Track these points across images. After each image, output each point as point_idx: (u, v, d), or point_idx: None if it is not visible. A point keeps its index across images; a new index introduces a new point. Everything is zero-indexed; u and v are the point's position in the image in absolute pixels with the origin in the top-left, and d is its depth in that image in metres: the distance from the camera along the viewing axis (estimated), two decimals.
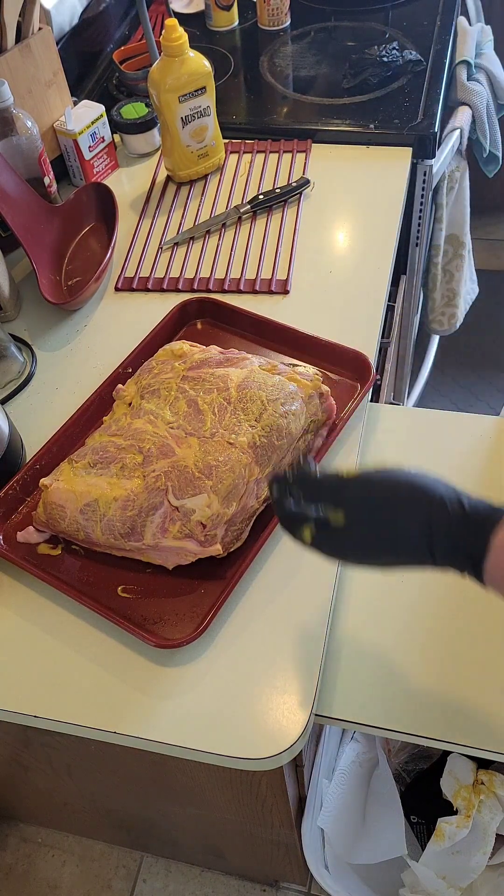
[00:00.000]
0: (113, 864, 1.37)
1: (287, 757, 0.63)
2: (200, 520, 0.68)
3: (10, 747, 0.93)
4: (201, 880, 1.33)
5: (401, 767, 1.15)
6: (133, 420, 0.77)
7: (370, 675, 0.69)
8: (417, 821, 1.11)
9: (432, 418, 0.86)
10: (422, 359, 1.81)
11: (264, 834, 1.01)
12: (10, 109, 0.94)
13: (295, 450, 0.76)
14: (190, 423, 0.74)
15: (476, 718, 0.66)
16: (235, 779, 0.82)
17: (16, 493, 0.77)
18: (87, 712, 0.66)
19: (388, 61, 1.22)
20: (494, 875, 1.00)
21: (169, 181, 1.12)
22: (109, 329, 0.95)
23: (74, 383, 0.89)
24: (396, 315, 1.31)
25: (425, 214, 1.27)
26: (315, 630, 0.69)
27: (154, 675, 0.67)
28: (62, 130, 1.07)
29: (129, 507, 0.70)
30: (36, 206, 0.98)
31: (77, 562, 0.74)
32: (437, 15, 1.35)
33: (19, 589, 0.73)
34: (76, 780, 1.00)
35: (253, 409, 0.74)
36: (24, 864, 1.38)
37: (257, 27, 1.37)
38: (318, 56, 1.30)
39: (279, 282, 0.97)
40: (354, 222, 1.04)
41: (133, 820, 1.18)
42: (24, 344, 0.94)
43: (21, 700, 0.67)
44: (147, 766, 0.86)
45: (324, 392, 0.79)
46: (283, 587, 0.72)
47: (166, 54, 0.99)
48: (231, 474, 0.70)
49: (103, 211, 1.04)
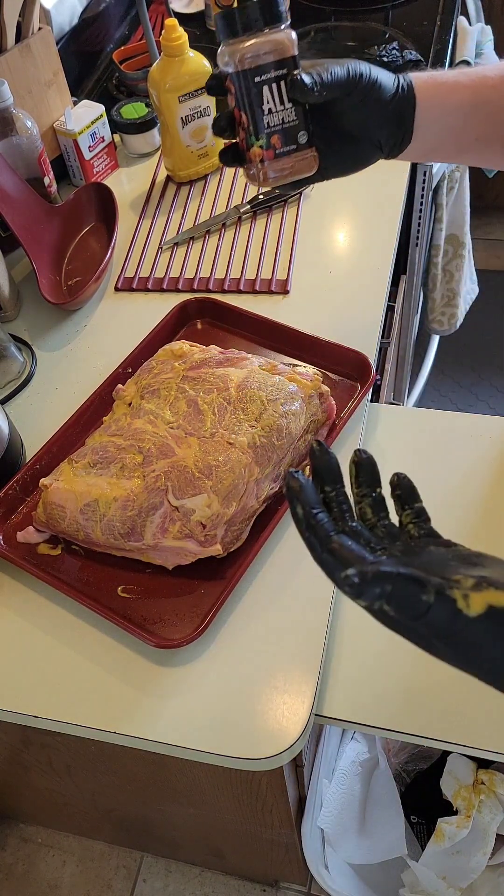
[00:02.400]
0: (113, 864, 1.37)
1: (287, 757, 0.63)
2: (200, 520, 0.68)
3: (10, 747, 0.93)
4: (201, 880, 1.33)
5: (401, 767, 1.15)
6: (133, 420, 0.77)
7: (370, 675, 0.69)
8: (417, 821, 1.11)
9: (432, 418, 0.86)
10: (422, 359, 1.81)
11: (264, 834, 1.01)
12: (10, 109, 0.94)
13: (295, 450, 0.76)
14: (190, 423, 0.74)
15: (476, 718, 0.66)
16: (235, 779, 0.82)
17: (16, 493, 0.77)
18: (87, 712, 0.66)
19: (388, 61, 1.22)
20: (494, 875, 1.01)
21: (169, 181, 1.12)
22: (109, 329, 0.95)
23: (74, 383, 0.90)
24: (396, 315, 1.31)
25: (425, 214, 1.27)
26: (315, 630, 0.69)
27: (154, 675, 0.67)
28: (62, 130, 1.07)
29: (129, 507, 0.70)
30: (36, 206, 0.98)
31: (77, 562, 0.74)
32: (437, 15, 1.35)
33: (19, 589, 0.73)
34: (76, 780, 1.00)
35: (253, 409, 0.74)
36: (24, 864, 1.38)
37: None
38: (318, 56, 1.30)
39: (279, 282, 0.97)
40: (354, 222, 1.04)
41: (133, 820, 1.18)
42: (24, 344, 0.94)
43: (21, 700, 0.67)
44: (147, 766, 0.86)
45: (324, 392, 0.79)
46: (283, 587, 0.72)
47: (166, 54, 0.99)
48: (231, 474, 0.70)
49: (103, 211, 1.04)
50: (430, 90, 0.62)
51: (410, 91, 0.62)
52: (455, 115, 0.62)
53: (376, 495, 0.48)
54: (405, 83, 0.62)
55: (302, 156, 0.61)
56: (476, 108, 0.61)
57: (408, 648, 0.72)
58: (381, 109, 0.61)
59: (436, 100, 0.62)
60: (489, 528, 0.76)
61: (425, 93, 0.62)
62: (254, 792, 0.85)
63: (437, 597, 0.38)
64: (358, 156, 0.66)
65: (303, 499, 0.43)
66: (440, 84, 0.62)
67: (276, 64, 0.57)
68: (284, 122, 0.58)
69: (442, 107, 0.62)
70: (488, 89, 0.61)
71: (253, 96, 0.58)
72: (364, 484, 0.48)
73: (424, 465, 0.81)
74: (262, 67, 0.57)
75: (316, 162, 0.62)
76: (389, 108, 0.61)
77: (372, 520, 0.47)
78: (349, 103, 0.61)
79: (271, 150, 0.59)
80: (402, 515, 0.48)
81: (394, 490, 0.49)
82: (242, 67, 0.57)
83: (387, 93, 0.61)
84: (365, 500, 0.47)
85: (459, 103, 0.62)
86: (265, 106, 0.57)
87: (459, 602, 0.38)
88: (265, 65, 0.57)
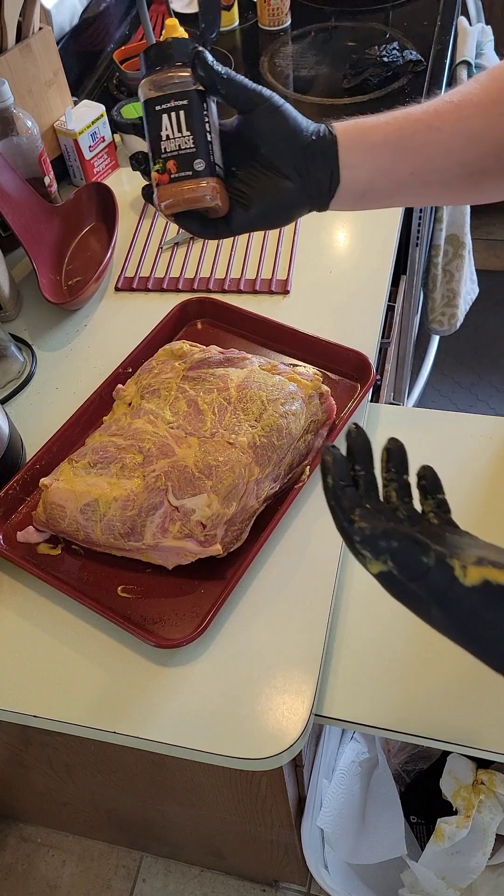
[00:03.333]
0: (113, 864, 1.37)
1: (287, 757, 0.63)
2: (200, 520, 0.68)
3: (10, 747, 0.93)
4: (201, 880, 1.33)
5: (401, 767, 1.15)
6: (133, 420, 0.77)
7: (370, 675, 0.69)
8: (417, 821, 1.12)
9: (432, 418, 0.86)
10: (422, 359, 1.81)
11: (264, 834, 1.01)
12: (11, 109, 0.94)
13: (295, 450, 0.76)
14: (190, 423, 0.74)
15: (475, 718, 0.66)
16: (235, 779, 0.82)
17: (16, 492, 0.77)
18: (86, 712, 0.66)
19: (389, 61, 1.22)
20: (494, 875, 1.01)
21: None
22: (109, 329, 0.95)
23: (74, 383, 0.89)
24: (396, 315, 1.31)
25: (425, 214, 1.27)
26: (315, 629, 0.69)
27: (154, 675, 0.67)
28: (62, 130, 1.07)
29: (129, 506, 0.70)
30: (36, 205, 0.98)
31: (77, 562, 0.74)
32: (438, 15, 1.35)
33: (19, 589, 0.73)
34: (76, 780, 1.00)
35: (253, 409, 0.74)
36: (23, 864, 1.38)
37: (257, 27, 1.37)
38: (318, 56, 1.30)
39: (279, 282, 0.97)
40: (354, 222, 1.04)
41: (133, 820, 1.18)
42: (24, 344, 0.94)
43: (21, 700, 0.67)
44: (147, 766, 0.86)
45: (324, 392, 0.79)
46: (283, 587, 0.72)
47: None
48: (231, 474, 0.70)
49: (103, 211, 1.04)
50: (350, 129, 0.60)
51: (330, 131, 0.60)
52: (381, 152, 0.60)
53: (402, 481, 0.50)
54: (324, 126, 0.61)
55: (198, 183, 0.60)
56: (401, 140, 0.59)
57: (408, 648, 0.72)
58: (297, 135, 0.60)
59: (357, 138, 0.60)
60: (489, 529, 0.76)
61: (346, 133, 0.60)
62: (253, 792, 0.85)
63: (437, 563, 0.42)
64: (283, 197, 0.61)
65: (334, 471, 0.47)
66: (361, 123, 0.61)
67: (177, 95, 0.60)
68: (181, 148, 0.60)
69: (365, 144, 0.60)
70: (411, 123, 0.59)
71: (153, 123, 0.60)
72: (393, 469, 0.50)
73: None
74: (163, 98, 0.60)
75: (218, 195, 0.61)
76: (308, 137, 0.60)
77: (395, 502, 0.49)
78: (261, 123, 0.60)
79: (166, 175, 0.61)
80: (425, 504, 0.50)
81: (420, 479, 0.51)
82: (146, 97, 0.60)
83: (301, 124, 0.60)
84: (391, 484, 0.50)
85: (384, 140, 0.60)
86: (163, 132, 0.60)
87: (457, 570, 0.42)
88: (166, 95, 0.60)
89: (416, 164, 0.60)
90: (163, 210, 0.62)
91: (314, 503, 0.77)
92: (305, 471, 0.77)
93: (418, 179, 0.61)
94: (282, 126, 0.60)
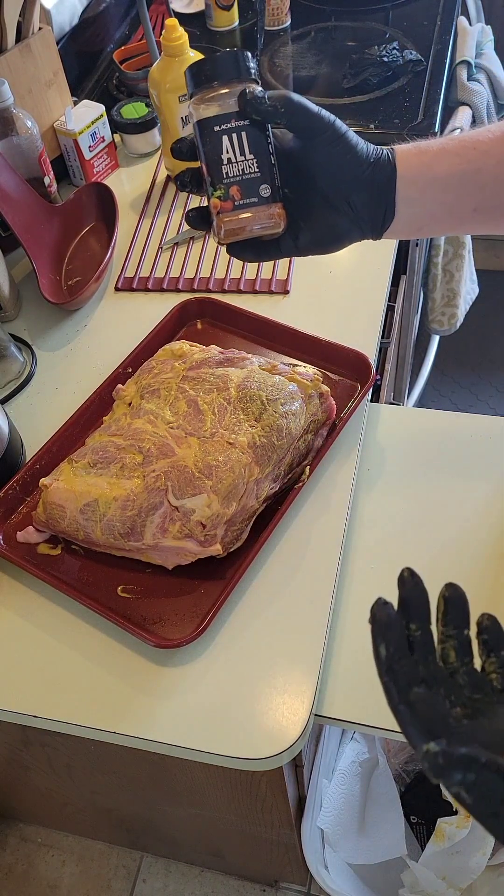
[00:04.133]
0: (113, 864, 1.37)
1: (287, 757, 0.63)
2: (200, 520, 0.68)
3: (10, 747, 0.93)
4: (201, 880, 1.33)
5: (401, 768, 1.15)
6: (133, 420, 0.77)
7: (370, 674, 0.69)
8: (417, 821, 1.12)
9: (432, 418, 0.86)
10: (422, 359, 1.81)
11: (264, 834, 1.01)
12: (11, 109, 0.94)
13: (295, 450, 0.76)
14: (190, 423, 0.74)
15: None
16: (235, 779, 0.82)
17: (16, 493, 0.77)
18: (86, 712, 0.66)
19: (389, 61, 1.22)
20: (494, 875, 1.00)
21: (169, 181, 1.12)
22: (109, 329, 0.95)
23: (74, 383, 0.89)
24: (396, 315, 1.31)
25: None
26: (315, 630, 0.69)
27: (154, 675, 0.67)
28: (62, 130, 1.07)
29: (128, 506, 0.70)
30: (36, 205, 0.98)
31: (77, 562, 0.74)
32: (438, 15, 1.35)
33: (19, 589, 0.73)
34: (76, 780, 1.00)
35: (253, 409, 0.74)
36: (23, 864, 1.38)
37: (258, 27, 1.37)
38: (318, 56, 1.30)
39: (279, 282, 0.97)
40: None
41: (133, 820, 1.18)
42: (24, 344, 0.94)
43: (21, 700, 0.67)
44: (147, 766, 0.86)
45: (324, 392, 0.79)
46: (283, 587, 0.72)
47: (166, 54, 0.99)
48: (231, 474, 0.70)
49: (103, 211, 1.04)
50: (413, 159, 0.56)
51: (391, 160, 0.56)
52: (444, 188, 0.56)
53: (463, 637, 0.44)
54: (387, 151, 0.57)
55: (263, 210, 0.57)
56: (466, 175, 0.55)
57: None
58: (355, 168, 0.56)
59: (419, 170, 0.56)
60: (489, 528, 0.76)
61: (406, 162, 0.56)
62: (253, 792, 0.85)
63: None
64: (335, 228, 0.59)
65: (388, 638, 0.41)
66: (424, 151, 0.56)
67: (237, 115, 0.56)
68: (245, 172, 0.56)
69: (428, 178, 0.56)
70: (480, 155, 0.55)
71: (212, 145, 0.56)
72: (451, 623, 0.44)
73: (424, 465, 0.81)
74: (222, 117, 0.56)
75: (282, 221, 0.58)
76: (365, 170, 0.56)
77: (455, 664, 0.43)
78: (319, 152, 0.56)
79: (230, 202, 0.57)
80: (486, 662, 0.44)
81: (480, 632, 0.45)
82: (201, 116, 0.56)
83: (362, 153, 0.56)
84: (449, 642, 0.44)
85: (448, 173, 0.55)
86: (224, 155, 0.56)
87: None
88: (225, 114, 0.56)
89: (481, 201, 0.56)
90: (222, 238, 0.59)
91: (314, 503, 0.77)
92: (305, 471, 0.77)
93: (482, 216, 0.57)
94: (342, 157, 0.56)
